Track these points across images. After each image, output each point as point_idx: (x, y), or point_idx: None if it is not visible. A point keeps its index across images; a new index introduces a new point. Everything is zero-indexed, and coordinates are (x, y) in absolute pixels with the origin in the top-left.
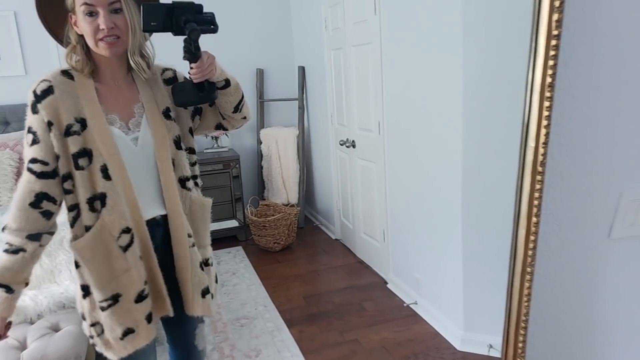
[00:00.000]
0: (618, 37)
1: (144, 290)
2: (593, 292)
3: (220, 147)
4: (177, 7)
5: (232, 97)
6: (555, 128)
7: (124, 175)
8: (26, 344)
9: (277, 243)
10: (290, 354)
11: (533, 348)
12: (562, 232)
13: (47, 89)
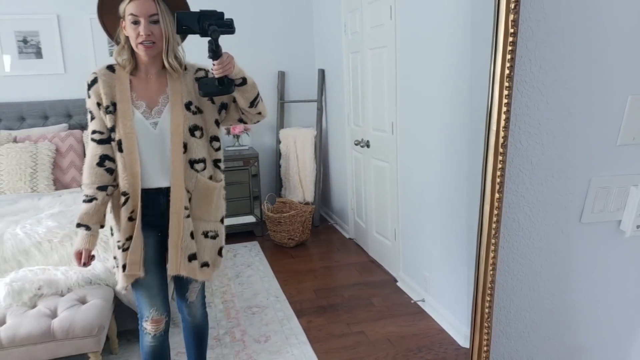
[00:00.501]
0: (579, 34)
1: (125, 244)
2: (566, 271)
3: (241, 146)
4: (203, 15)
5: (248, 93)
6: (524, 117)
7: (132, 151)
8: (57, 313)
9: (292, 239)
10: (298, 342)
11: (501, 317)
12: (534, 213)
13: (93, 80)
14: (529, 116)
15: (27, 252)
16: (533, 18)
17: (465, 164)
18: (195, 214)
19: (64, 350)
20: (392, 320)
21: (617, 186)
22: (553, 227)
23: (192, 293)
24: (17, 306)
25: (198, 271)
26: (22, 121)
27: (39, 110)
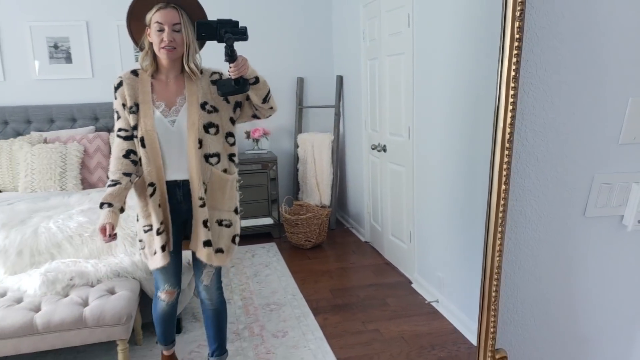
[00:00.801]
0: (581, 40)
1: (160, 228)
2: (570, 263)
3: (260, 149)
4: (219, 23)
5: (261, 90)
6: (530, 116)
7: (154, 146)
8: (88, 302)
9: (309, 241)
10: (314, 337)
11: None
12: (540, 207)
13: (119, 83)
14: (535, 115)
15: (59, 245)
16: (538, 25)
17: (480, 168)
18: (210, 203)
19: (94, 337)
20: (406, 320)
21: (619, 183)
22: (558, 220)
23: (206, 277)
24: (51, 295)
25: (213, 256)
26: (51, 123)
27: (67, 113)
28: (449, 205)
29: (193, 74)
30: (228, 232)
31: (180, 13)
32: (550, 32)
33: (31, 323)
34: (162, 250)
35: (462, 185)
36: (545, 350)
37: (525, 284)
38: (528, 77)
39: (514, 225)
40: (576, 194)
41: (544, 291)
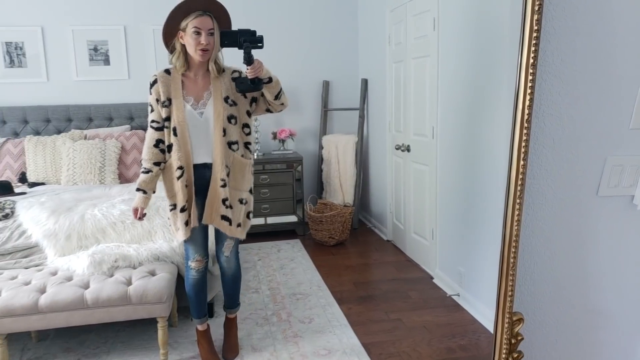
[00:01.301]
0: (594, 32)
1: (185, 206)
2: (584, 238)
3: (285, 150)
4: (239, 32)
5: (273, 89)
6: (547, 102)
7: (184, 135)
8: (131, 281)
9: (332, 238)
10: (339, 324)
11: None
12: (556, 185)
13: (154, 81)
14: (552, 101)
15: (104, 231)
16: (555, 19)
17: (500, 165)
18: (233, 184)
19: (137, 313)
20: (428, 311)
21: (630, 165)
22: (573, 199)
23: (227, 249)
24: (98, 274)
25: (234, 229)
26: (89, 122)
27: (105, 112)
28: (471, 202)
29: (217, 72)
30: (245, 209)
31: (213, 20)
32: (566, 25)
33: (82, 298)
34: (185, 225)
35: (484, 182)
36: (559, 320)
37: (542, 257)
38: (546, 67)
39: (531, 202)
40: (590, 174)
41: (559, 264)
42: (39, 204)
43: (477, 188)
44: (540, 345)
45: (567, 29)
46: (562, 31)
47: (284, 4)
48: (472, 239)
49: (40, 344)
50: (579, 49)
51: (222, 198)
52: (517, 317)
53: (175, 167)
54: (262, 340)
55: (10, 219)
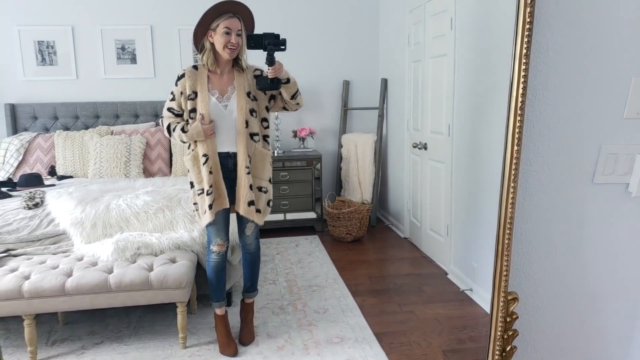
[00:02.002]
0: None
1: (209, 190)
2: (580, 225)
3: (305, 148)
4: (264, 36)
5: (290, 89)
6: (543, 92)
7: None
8: (153, 267)
9: (349, 234)
10: (353, 315)
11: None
12: (552, 172)
13: (182, 75)
14: (547, 90)
15: (127, 220)
16: (550, 12)
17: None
18: (254, 173)
19: (158, 297)
20: (441, 305)
21: (624, 153)
22: (569, 185)
23: (248, 229)
24: (121, 260)
25: (254, 214)
26: (116, 119)
27: (131, 110)
28: (484, 198)
29: (241, 69)
30: (265, 197)
31: (241, 21)
32: (560, 18)
33: (105, 282)
34: (209, 208)
35: (497, 179)
36: (556, 302)
37: (538, 241)
38: (541, 58)
39: (528, 188)
40: (585, 162)
41: (555, 249)
42: (67, 194)
43: (490, 185)
44: (536, 325)
45: (562, 22)
46: (556, 24)
47: (307, 6)
48: (485, 235)
49: (67, 327)
50: (574, 41)
51: (249, 184)
52: (512, 297)
53: (201, 154)
54: (278, 328)
55: (40, 208)
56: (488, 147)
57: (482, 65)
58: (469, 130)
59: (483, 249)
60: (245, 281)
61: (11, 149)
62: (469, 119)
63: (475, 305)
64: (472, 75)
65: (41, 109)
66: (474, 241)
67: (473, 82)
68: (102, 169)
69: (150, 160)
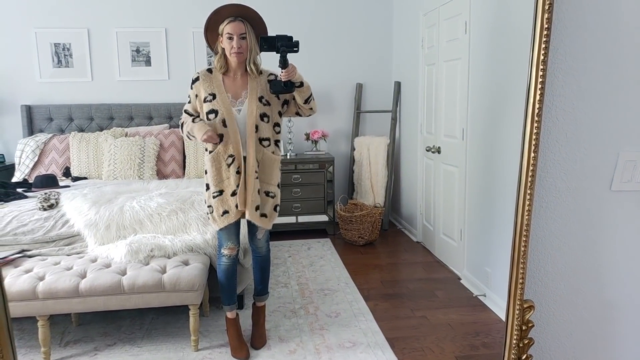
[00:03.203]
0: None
1: (236, 190)
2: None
3: (318, 151)
4: (277, 38)
5: (304, 93)
6: (560, 98)
7: (233, 125)
8: (166, 270)
9: (362, 237)
10: (365, 319)
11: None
12: (569, 179)
13: (196, 78)
14: (564, 97)
15: (141, 222)
16: (567, 18)
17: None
18: (262, 177)
19: (170, 300)
20: (454, 310)
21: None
22: (586, 193)
23: (260, 233)
24: (135, 262)
25: (259, 219)
26: (130, 120)
27: (145, 111)
28: (498, 203)
29: (253, 73)
30: (272, 202)
31: (245, 24)
32: (578, 24)
33: (119, 284)
34: (236, 208)
35: (511, 184)
36: (572, 310)
37: (555, 249)
38: (558, 64)
39: (545, 195)
40: (603, 169)
41: (571, 256)
42: (82, 196)
43: (504, 189)
44: (552, 333)
45: (579, 27)
46: (574, 29)
47: (321, 9)
48: (499, 240)
49: (80, 328)
50: (591, 46)
51: (257, 189)
52: (527, 304)
53: (227, 155)
54: (289, 332)
55: (55, 209)
56: (502, 151)
57: (496, 69)
58: (484, 135)
59: (497, 254)
60: (256, 284)
61: (27, 150)
62: (483, 123)
63: (488, 311)
64: (486, 79)
65: (56, 110)
66: (488, 246)
67: (487, 86)
68: (116, 170)
69: (163, 162)
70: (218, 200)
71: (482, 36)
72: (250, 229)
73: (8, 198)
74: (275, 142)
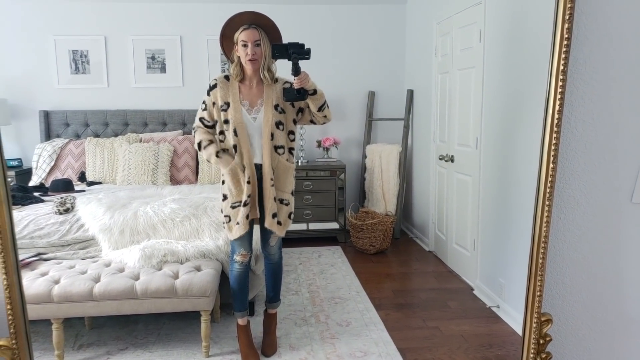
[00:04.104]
0: (625, 41)
1: (247, 200)
2: (617, 245)
3: (329, 158)
4: (289, 45)
5: (317, 101)
6: (580, 108)
7: (244, 135)
8: (178, 275)
9: (373, 246)
10: (376, 329)
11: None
12: (588, 191)
13: (214, 85)
14: (584, 107)
15: (154, 227)
16: (588, 28)
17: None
18: (276, 185)
19: (182, 305)
20: (467, 321)
21: None
22: (606, 205)
23: (273, 240)
24: (148, 267)
25: (275, 226)
26: (145, 126)
27: (159, 118)
28: (512, 213)
29: (267, 80)
30: (286, 209)
31: (259, 31)
32: (599, 34)
33: (132, 289)
34: (246, 219)
35: (526, 193)
36: (591, 326)
37: (573, 261)
38: (578, 74)
39: (563, 206)
40: (623, 181)
41: (591, 270)
42: (97, 200)
43: (519, 199)
44: (571, 348)
45: (600, 38)
46: (594, 39)
47: (334, 16)
48: (513, 251)
49: (93, 331)
50: (612, 56)
51: (273, 196)
52: (545, 318)
53: (240, 166)
54: (300, 340)
55: (71, 213)
56: (517, 161)
57: (511, 78)
58: (498, 144)
59: (511, 265)
60: (268, 291)
61: (44, 154)
62: (498, 132)
63: (502, 323)
64: (501, 88)
65: (73, 116)
66: (502, 257)
67: (502, 95)
68: (130, 175)
69: (177, 168)
70: (237, 211)
71: (497, 45)
72: (263, 235)
73: (25, 202)
74: (290, 150)
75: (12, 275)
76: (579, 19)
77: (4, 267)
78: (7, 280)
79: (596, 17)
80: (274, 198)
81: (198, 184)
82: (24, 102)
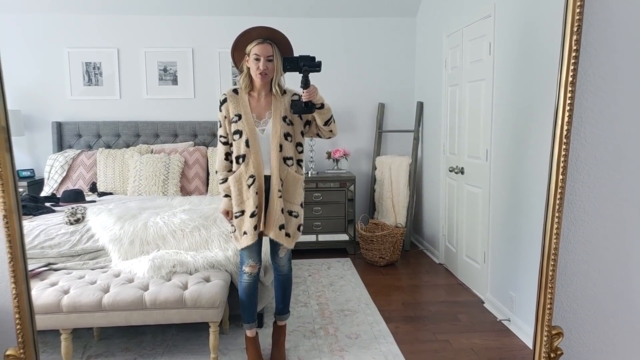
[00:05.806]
0: (634, 51)
1: (255, 211)
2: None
3: (339, 169)
4: (300, 58)
5: (324, 115)
6: (589, 120)
7: (255, 145)
8: (187, 286)
9: (382, 258)
10: (386, 342)
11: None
12: (599, 202)
13: (224, 99)
14: (593, 119)
15: (164, 238)
16: (597, 40)
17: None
18: (285, 197)
19: (191, 317)
20: (477, 334)
21: None
22: (616, 216)
23: (282, 252)
24: (157, 278)
25: (283, 237)
26: (156, 137)
27: (170, 129)
28: (523, 226)
29: (278, 94)
30: (295, 222)
31: (273, 47)
32: (608, 46)
33: (141, 299)
34: (253, 230)
35: (536, 206)
36: (603, 339)
37: (583, 274)
38: (587, 85)
39: (573, 218)
40: (633, 192)
41: (602, 283)
42: (107, 211)
43: (529, 211)
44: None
45: (609, 50)
46: (603, 52)
47: (344, 29)
48: (524, 264)
49: (102, 342)
50: (622, 69)
51: (281, 208)
52: (556, 331)
53: (247, 175)
54: (309, 352)
55: (81, 224)
56: (528, 173)
57: (521, 90)
58: (508, 156)
59: (522, 278)
60: (277, 303)
61: (56, 165)
62: (508, 144)
63: (513, 337)
64: (511, 100)
65: (85, 127)
66: (512, 269)
67: (512, 107)
68: (141, 186)
69: (187, 179)
70: (240, 220)
71: (507, 57)
72: (272, 247)
73: (36, 212)
74: (298, 162)
75: (21, 284)
76: (587, 31)
77: (13, 276)
78: (16, 289)
79: (604, 30)
80: (282, 210)
81: (208, 195)
82: (37, 113)
